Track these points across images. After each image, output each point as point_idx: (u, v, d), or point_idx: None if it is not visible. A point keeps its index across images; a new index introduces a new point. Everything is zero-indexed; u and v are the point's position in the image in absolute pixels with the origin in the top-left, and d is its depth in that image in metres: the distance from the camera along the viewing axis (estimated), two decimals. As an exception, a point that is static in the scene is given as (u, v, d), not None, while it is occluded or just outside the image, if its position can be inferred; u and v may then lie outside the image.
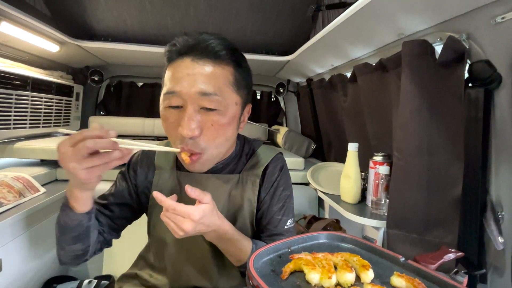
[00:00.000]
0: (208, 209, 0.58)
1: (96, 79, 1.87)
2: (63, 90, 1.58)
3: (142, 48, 1.44)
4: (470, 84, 0.71)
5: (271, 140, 2.09)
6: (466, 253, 0.71)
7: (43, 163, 1.36)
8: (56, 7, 1.29)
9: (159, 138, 1.84)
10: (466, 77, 0.71)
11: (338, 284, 0.44)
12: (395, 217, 0.87)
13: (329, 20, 1.07)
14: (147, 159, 0.77)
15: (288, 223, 0.74)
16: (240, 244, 0.66)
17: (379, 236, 1.00)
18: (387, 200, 0.96)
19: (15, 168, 1.22)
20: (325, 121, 1.68)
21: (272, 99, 2.25)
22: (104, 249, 0.75)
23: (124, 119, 1.85)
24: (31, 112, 1.32)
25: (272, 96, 2.24)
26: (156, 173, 0.75)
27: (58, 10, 1.30)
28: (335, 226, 1.19)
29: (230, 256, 0.67)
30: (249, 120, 1.92)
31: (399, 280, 0.44)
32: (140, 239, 0.83)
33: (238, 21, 1.42)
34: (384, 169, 1.00)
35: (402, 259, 0.50)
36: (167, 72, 0.63)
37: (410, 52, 0.80)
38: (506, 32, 0.61)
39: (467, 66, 0.70)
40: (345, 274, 0.44)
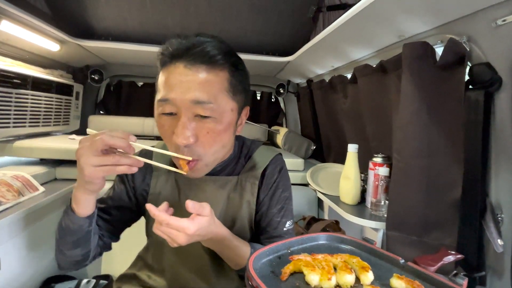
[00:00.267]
0: (205, 221, 0.56)
1: (96, 78, 1.87)
2: (63, 89, 1.58)
3: (142, 48, 1.44)
4: (470, 86, 0.72)
5: (271, 140, 2.09)
6: (465, 255, 0.71)
7: (43, 162, 1.35)
8: (56, 6, 1.28)
9: (159, 138, 1.84)
10: (466, 79, 0.71)
11: (337, 286, 0.44)
12: (395, 218, 0.87)
13: (329, 22, 1.07)
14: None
15: (287, 225, 0.73)
16: (238, 249, 0.65)
17: (378, 238, 1.00)
18: (387, 201, 0.96)
19: (14, 167, 1.21)
20: (325, 122, 1.68)
21: (272, 100, 2.25)
22: None
23: (123, 118, 1.84)
24: (31, 111, 1.32)
25: (272, 97, 2.25)
26: (154, 175, 0.74)
27: (58, 9, 1.29)
28: (335, 227, 1.19)
29: (228, 261, 0.67)
30: (249, 121, 1.94)
31: (398, 282, 0.44)
32: (139, 239, 0.83)
33: (238, 21, 1.42)
34: (383, 170, 1.00)
35: (402, 261, 0.50)
36: (160, 76, 0.60)
37: (411, 54, 0.80)
38: (506, 35, 0.61)
39: (468, 68, 0.71)
40: (344, 275, 0.44)
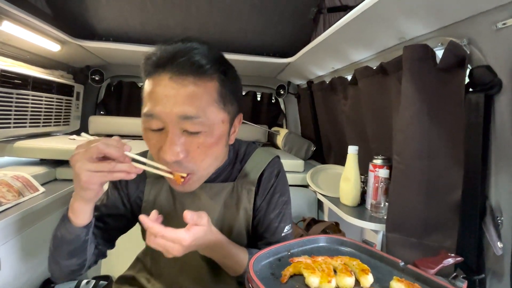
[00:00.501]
0: (202, 231, 0.54)
1: (96, 78, 1.87)
2: (64, 90, 1.58)
3: (143, 48, 1.44)
4: (470, 89, 0.72)
5: (271, 141, 2.09)
6: (465, 257, 0.71)
7: (43, 162, 1.35)
8: (57, 6, 1.29)
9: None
10: (466, 82, 0.71)
11: (337, 288, 0.44)
12: (394, 220, 0.87)
13: (330, 23, 1.07)
14: None
15: (285, 230, 0.72)
16: (236, 257, 0.64)
17: (378, 240, 1.00)
18: (387, 203, 0.96)
19: (15, 167, 1.21)
20: (325, 123, 1.68)
21: (272, 101, 2.25)
22: None
23: (124, 119, 1.85)
24: (31, 111, 1.32)
25: (273, 98, 2.25)
26: (148, 181, 0.72)
27: (59, 9, 1.30)
28: (335, 229, 1.19)
29: (226, 268, 0.66)
30: (249, 122, 1.94)
31: (398, 285, 0.44)
32: (140, 240, 0.83)
33: (239, 22, 1.42)
34: (383, 172, 1.00)
35: (402, 263, 0.50)
36: (145, 87, 0.57)
37: (411, 56, 0.80)
38: (507, 38, 0.61)
39: (468, 71, 0.71)
40: (344, 278, 0.44)
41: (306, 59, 1.40)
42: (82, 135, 0.57)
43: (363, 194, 1.13)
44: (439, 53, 0.76)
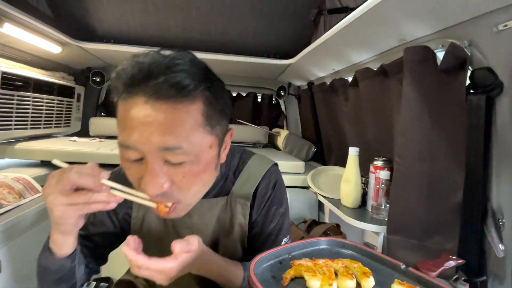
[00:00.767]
0: (191, 257, 0.50)
1: (97, 80, 1.87)
2: (65, 91, 1.59)
3: (144, 50, 1.44)
4: (471, 91, 0.71)
5: (271, 143, 2.09)
6: (466, 260, 0.71)
7: (44, 164, 1.36)
8: (58, 8, 1.29)
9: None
10: (467, 84, 0.71)
11: (338, 291, 0.44)
12: (395, 222, 0.86)
13: (330, 25, 1.07)
14: (124, 182, 0.55)
15: (283, 242, 0.68)
16: (231, 274, 0.60)
17: (379, 241, 1.00)
18: (388, 205, 0.96)
19: (16, 169, 1.22)
20: (325, 124, 1.68)
21: (273, 102, 2.26)
22: None
23: (124, 120, 1.85)
24: (32, 113, 1.32)
25: (273, 99, 2.25)
26: None
27: (60, 11, 1.30)
28: (336, 231, 1.19)
29: (222, 284, 0.62)
30: (249, 123, 1.94)
31: (400, 288, 0.44)
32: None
33: (240, 24, 1.43)
34: (384, 174, 1.00)
35: (403, 266, 0.50)
36: (118, 110, 0.49)
37: (412, 58, 0.80)
38: (508, 39, 0.61)
39: (469, 73, 0.71)
40: (345, 281, 0.44)
41: (306, 60, 1.40)
42: (54, 162, 0.48)
43: (364, 195, 1.13)
44: (440, 55, 0.76)
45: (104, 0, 1.29)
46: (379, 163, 1.03)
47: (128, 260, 0.47)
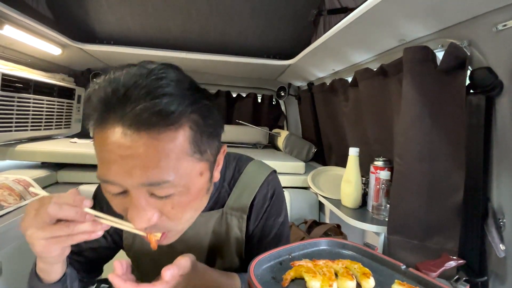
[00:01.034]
0: (184, 280, 0.48)
1: (97, 81, 1.87)
2: (65, 93, 1.59)
3: (144, 52, 1.45)
4: (471, 91, 0.71)
5: (271, 143, 2.09)
6: (467, 260, 0.71)
7: (44, 165, 1.36)
8: (58, 10, 1.29)
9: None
10: (467, 84, 0.71)
11: (339, 292, 0.44)
12: (396, 222, 0.86)
13: (330, 25, 1.07)
14: None
15: None
16: (228, 287, 0.58)
17: (379, 242, 1.00)
18: (388, 205, 0.96)
19: (16, 171, 1.22)
20: (326, 125, 1.68)
21: (273, 103, 2.26)
22: None
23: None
24: (32, 114, 1.32)
25: (273, 100, 2.25)
26: None
27: (60, 13, 1.30)
28: (336, 231, 1.19)
29: None
30: (249, 124, 1.93)
31: (400, 289, 0.44)
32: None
33: (239, 24, 1.43)
34: (385, 174, 1.00)
35: (403, 266, 0.50)
36: (94, 137, 0.43)
37: (411, 58, 0.80)
38: (507, 39, 0.61)
39: (469, 73, 0.71)
40: (346, 282, 0.44)
41: (306, 61, 1.40)
42: (31, 189, 0.46)
43: (364, 196, 1.13)
44: (440, 54, 0.76)
45: (104, 2, 1.30)
46: (379, 163, 1.03)
47: None
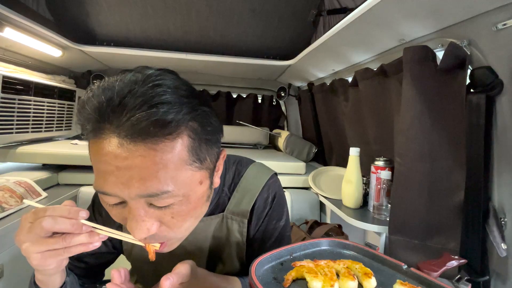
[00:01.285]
0: (182, 287, 0.47)
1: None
2: (65, 95, 1.59)
3: (144, 53, 1.45)
4: (471, 90, 0.71)
5: (272, 144, 2.09)
6: (468, 259, 0.70)
7: (45, 167, 1.36)
8: (59, 12, 1.30)
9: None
10: (467, 83, 0.71)
11: (340, 292, 0.43)
12: (397, 222, 0.86)
13: (330, 25, 1.07)
14: None
15: None
16: None
17: (381, 241, 1.00)
18: (389, 205, 0.96)
19: (17, 173, 1.22)
20: (326, 125, 1.68)
21: (273, 103, 2.26)
22: None
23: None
24: (33, 116, 1.33)
25: (273, 100, 2.25)
26: None
27: (60, 15, 1.31)
28: (337, 232, 1.19)
29: None
30: (250, 124, 1.93)
31: (401, 288, 0.44)
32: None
33: (239, 25, 1.43)
34: (385, 174, 1.00)
35: (405, 266, 0.49)
36: (89, 147, 0.42)
37: (411, 58, 0.80)
38: (507, 38, 0.61)
39: (469, 72, 0.71)
40: (347, 282, 0.44)
41: (306, 61, 1.41)
42: (25, 201, 0.45)
43: (365, 196, 1.13)
44: (440, 54, 0.76)
45: (104, 4, 1.30)
46: (380, 163, 1.03)
47: None
